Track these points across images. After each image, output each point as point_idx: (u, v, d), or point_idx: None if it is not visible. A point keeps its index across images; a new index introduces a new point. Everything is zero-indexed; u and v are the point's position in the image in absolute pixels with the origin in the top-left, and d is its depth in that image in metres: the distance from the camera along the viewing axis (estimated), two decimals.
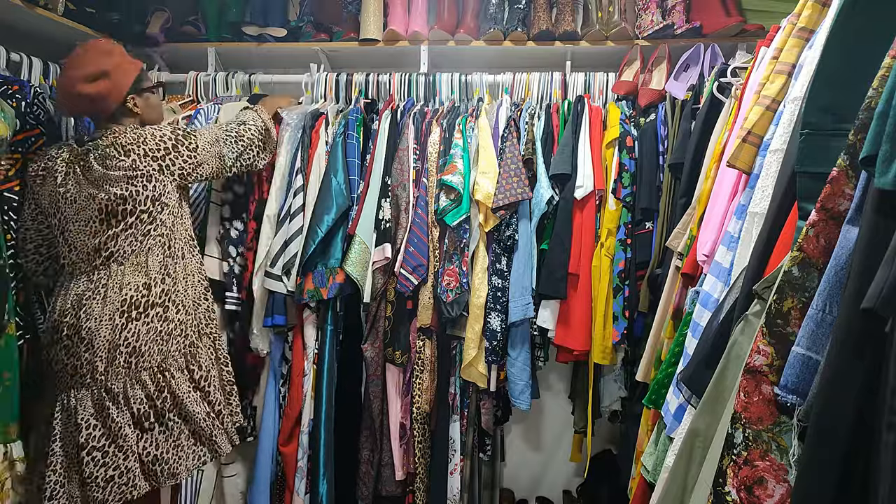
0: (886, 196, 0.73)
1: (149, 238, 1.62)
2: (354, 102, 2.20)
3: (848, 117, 0.92)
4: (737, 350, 1.06)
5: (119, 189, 1.57)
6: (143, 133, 1.64)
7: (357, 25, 2.31)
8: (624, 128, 2.05)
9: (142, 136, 1.64)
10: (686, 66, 2.12)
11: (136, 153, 1.60)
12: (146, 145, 1.62)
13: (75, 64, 1.61)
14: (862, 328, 0.74)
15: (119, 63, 1.66)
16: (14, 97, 1.75)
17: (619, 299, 2.03)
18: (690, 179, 1.76)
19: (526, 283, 2.04)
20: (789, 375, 0.86)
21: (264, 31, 2.32)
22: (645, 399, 1.55)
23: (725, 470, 0.92)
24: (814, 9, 1.22)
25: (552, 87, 2.24)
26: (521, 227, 2.06)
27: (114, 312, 1.56)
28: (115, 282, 1.58)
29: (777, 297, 0.92)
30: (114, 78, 1.63)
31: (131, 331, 1.57)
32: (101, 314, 1.56)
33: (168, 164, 1.65)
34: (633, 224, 2.04)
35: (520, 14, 2.24)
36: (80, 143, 1.65)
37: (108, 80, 1.61)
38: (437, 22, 2.28)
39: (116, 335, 1.56)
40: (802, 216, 1.00)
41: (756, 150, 1.28)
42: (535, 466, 2.66)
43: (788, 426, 0.89)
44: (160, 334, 1.61)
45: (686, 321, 1.45)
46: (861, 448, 0.75)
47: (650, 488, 1.45)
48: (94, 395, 1.56)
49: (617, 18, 2.19)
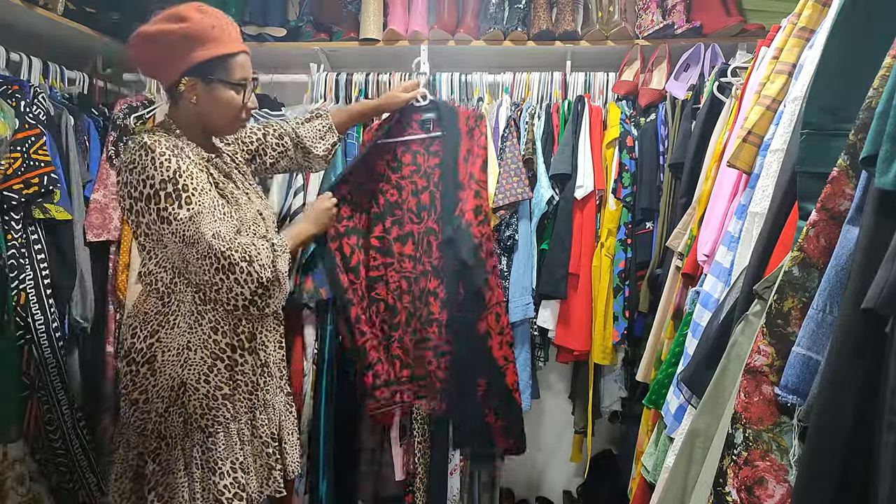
0: (887, 196, 0.73)
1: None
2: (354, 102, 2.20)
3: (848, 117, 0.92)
4: (737, 350, 1.06)
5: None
6: (148, 155, 1.23)
7: (357, 25, 2.30)
8: (624, 128, 2.05)
9: (142, 158, 1.23)
10: (686, 66, 2.11)
11: (125, 180, 1.26)
12: (131, 175, 1.24)
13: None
14: (862, 328, 0.74)
15: (214, 24, 1.29)
16: (14, 97, 1.75)
17: (620, 299, 2.03)
18: (691, 179, 1.76)
19: (526, 283, 2.04)
20: (790, 375, 0.86)
21: (264, 31, 2.32)
22: (645, 399, 1.55)
23: (726, 470, 0.92)
24: (814, 9, 1.22)
25: (552, 86, 2.24)
26: (521, 226, 2.06)
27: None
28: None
29: (777, 297, 0.91)
30: (187, 33, 1.26)
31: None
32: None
33: (134, 215, 1.28)
34: (633, 224, 2.04)
35: (520, 14, 2.23)
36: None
37: (179, 34, 1.26)
38: (437, 22, 2.28)
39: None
40: (803, 216, 1.00)
41: (756, 150, 1.28)
42: (535, 466, 2.66)
43: (789, 426, 0.89)
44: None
45: (686, 321, 1.45)
46: (861, 448, 0.75)
47: (650, 488, 1.45)
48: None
49: (617, 18, 2.19)
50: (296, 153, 1.76)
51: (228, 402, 1.39)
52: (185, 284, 1.35)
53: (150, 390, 1.36)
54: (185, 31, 1.27)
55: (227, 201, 1.36)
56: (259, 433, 1.47)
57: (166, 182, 1.22)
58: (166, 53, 1.30)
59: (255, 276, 1.28)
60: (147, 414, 1.37)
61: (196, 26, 1.28)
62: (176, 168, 1.23)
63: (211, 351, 1.37)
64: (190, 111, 1.36)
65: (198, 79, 1.32)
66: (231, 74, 1.35)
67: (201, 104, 1.35)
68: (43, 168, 1.74)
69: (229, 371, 1.39)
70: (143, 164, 1.23)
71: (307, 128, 1.77)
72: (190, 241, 1.25)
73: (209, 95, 1.34)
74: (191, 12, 1.28)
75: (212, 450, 1.38)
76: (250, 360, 1.43)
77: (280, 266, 1.33)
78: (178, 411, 1.37)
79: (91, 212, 2.01)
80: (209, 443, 1.38)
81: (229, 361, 1.39)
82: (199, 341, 1.36)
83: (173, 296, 1.36)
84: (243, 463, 1.42)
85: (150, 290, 1.38)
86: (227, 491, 1.38)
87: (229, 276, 1.26)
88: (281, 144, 1.72)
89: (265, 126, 1.72)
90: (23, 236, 1.75)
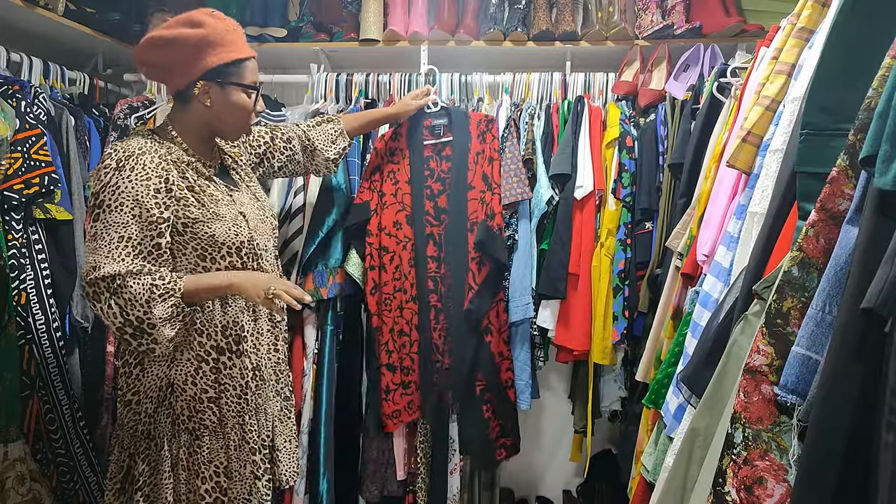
0: (886, 196, 0.73)
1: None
2: (354, 103, 2.20)
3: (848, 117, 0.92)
4: (736, 350, 1.07)
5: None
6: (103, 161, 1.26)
7: (357, 25, 2.31)
8: (624, 128, 2.05)
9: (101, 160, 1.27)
10: (686, 67, 2.12)
11: (93, 179, 1.29)
12: (98, 178, 1.26)
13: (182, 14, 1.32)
14: (862, 328, 0.74)
15: (228, 29, 1.33)
16: (14, 97, 1.75)
17: (619, 299, 2.03)
18: (690, 179, 1.76)
19: (526, 283, 2.05)
20: (789, 375, 0.86)
21: (264, 32, 2.32)
22: (645, 399, 1.55)
23: (725, 470, 0.92)
24: (814, 9, 1.22)
25: (552, 87, 2.24)
26: (520, 227, 2.06)
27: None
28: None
29: (777, 297, 0.92)
30: (205, 38, 1.30)
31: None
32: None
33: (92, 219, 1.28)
34: (632, 224, 2.04)
35: (520, 14, 2.24)
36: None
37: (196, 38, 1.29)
38: (437, 22, 2.28)
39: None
40: (802, 216, 1.00)
41: (756, 150, 1.28)
42: (535, 466, 2.66)
43: (788, 426, 0.89)
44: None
45: (686, 321, 1.45)
46: (861, 448, 0.75)
47: (650, 488, 1.45)
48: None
49: (617, 18, 2.19)
50: (303, 156, 1.77)
51: (214, 405, 1.38)
52: None
53: (142, 391, 1.37)
54: (203, 35, 1.30)
55: (203, 203, 1.34)
56: (248, 439, 1.43)
57: (98, 192, 1.25)
58: (182, 57, 1.32)
59: (118, 311, 1.22)
60: (138, 415, 1.37)
61: (212, 31, 1.31)
62: (107, 182, 1.24)
63: (196, 353, 1.37)
64: (200, 114, 1.38)
65: (212, 82, 1.35)
66: (244, 78, 1.38)
67: (215, 107, 1.37)
68: (43, 168, 1.74)
69: (215, 374, 1.38)
70: (99, 166, 1.28)
71: (319, 131, 1.79)
72: (88, 250, 1.25)
73: (224, 99, 1.37)
74: (206, 18, 1.32)
75: (197, 452, 1.38)
76: (238, 363, 1.40)
77: (157, 311, 1.23)
78: (166, 412, 1.37)
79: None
80: (195, 445, 1.38)
81: (214, 364, 1.38)
82: (185, 342, 1.36)
83: None
84: (228, 468, 1.40)
85: None
86: (208, 496, 1.37)
87: (95, 305, 1.24)
88: (289, 148, 1.72)
89: (273, 130, 1.73)
90: (23, 236, 1.75)
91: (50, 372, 1.81)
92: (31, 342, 1.76)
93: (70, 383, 1.89)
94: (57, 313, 1.84)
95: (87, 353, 2.04)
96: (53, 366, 1.82)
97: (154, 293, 1.23)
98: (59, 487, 1.87)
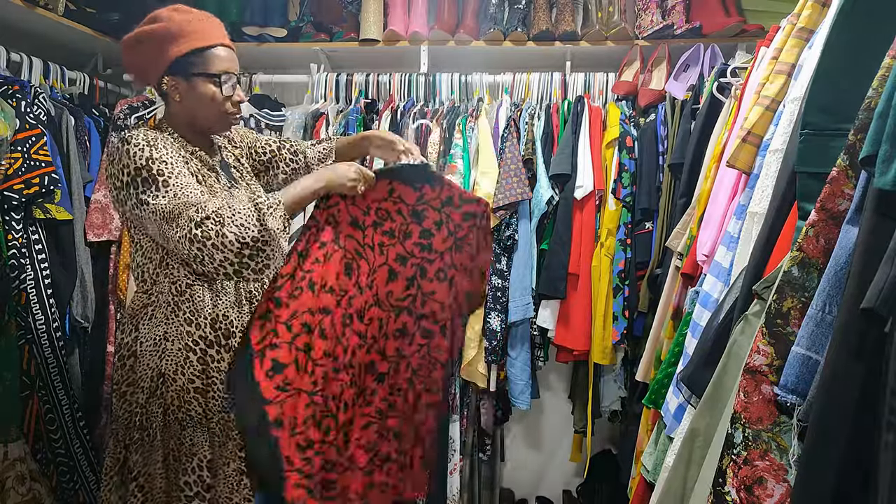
0: (886, 196, 0.73)
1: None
2: (355, 103, 2.21)
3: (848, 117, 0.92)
4: (736, 350, 1.07)
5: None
6: (125, 147, 1.28)
7: (357, 25, 2.31)
8: (624, 128, 2.05)
9: (119, 151, 1.29)
10: (686, 67, 2.12)
11: (109, 173, 1.32)
12: (112, 167, 1.30)
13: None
14: (862, 328, 0.74)
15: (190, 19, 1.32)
16: (14, 97, 1.76)
17: (619, 299, 2.03)
18: (690, 179, 1.76)
19: (526, 282, 2.05)
20: (789, 375, 0.86)
21: (264, 31, 2.32)
22: (645, 399, 1.55)
23: (725, 470, 0.92)
24: (814, 9, 1.22)
25: (552, 87, 2.24)
26: (520, 227, 2.06)
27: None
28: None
29: (777, 297, 0.92)
30: (162, 32, 1.30)
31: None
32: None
33: (119, 205, 1.33)
34: (632, 224, 2.04)
35: (520, 14, 2.24)
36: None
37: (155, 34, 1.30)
38: (437, 22, 2.28)
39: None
40: (802, 216, 1.00)
41: (756, 150, 1.28)
42: (535, 466, 2.66)
43: (788, 426, 0.89)
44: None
45: (686, 321, 1.45)
46: (860, 448, 0.75)
47: (650, 488, 1.45)
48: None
49: (617, 18, 2.20)
50: (306, 172, 1.75)
51: (201, 397, 1.38)
52: (166, 275, 1.36)
53: (135, 382, 1.38)
54: (160, 30, 1.30)
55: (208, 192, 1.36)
56: (233, 435, 1.42)
57: (141, 169, 1.25)
58: (147, 55, 1.33)
59: (234, 238, 1.22)
60: (132, 406, 1.38)
61: (172, 24, 1.30)
62: (149, 156, 1.26)
63: (185, 343, 1.37)
64: (177, 110, 1.38)
65: (178, 76, 1.34)
66: (209, 67, 1.34)
67: (185, 101, 1.36)
68: (43, 168, 1.74)
69: (202, 364, 1.38)
70: (121, 156, 1.27)
71: (314, 150, 1.76)
72: (169, 218, 1.25)
73: (191, 91, 1.34)
74: (167, 12, 1.32)
75: (183, 444, 1.38)
76: (227, 356, 1.40)
77: (270, 223, 1.25)
78: (158, 402, 1.37)
79: (91, 212, 2.02)
80: (183, 436, 1.38)
81: (201, 354, 1.38)
82: (174, 332, 1.37)
83: (155, 287, 1.37)
84: (211, 462, 1.40)
85: (139, 283, 1.40)
86: (188, 488, 1.37)
87: (206, 244, 1.22)
88: (295, 160, 1.71)
89: (280, 140, 1.73)
90: (23, 236, 1.75)
91: (50, 372, 1.81)
92: (31, 342, 1.77)
93: (70, 383, 1.89)
94: (57, 313, 1.84)
95: (87, 353, 2.05)
96: (53, 366, 1.82)
97: (261, 209, 1.26)
98: (59, 487, 1.87)
